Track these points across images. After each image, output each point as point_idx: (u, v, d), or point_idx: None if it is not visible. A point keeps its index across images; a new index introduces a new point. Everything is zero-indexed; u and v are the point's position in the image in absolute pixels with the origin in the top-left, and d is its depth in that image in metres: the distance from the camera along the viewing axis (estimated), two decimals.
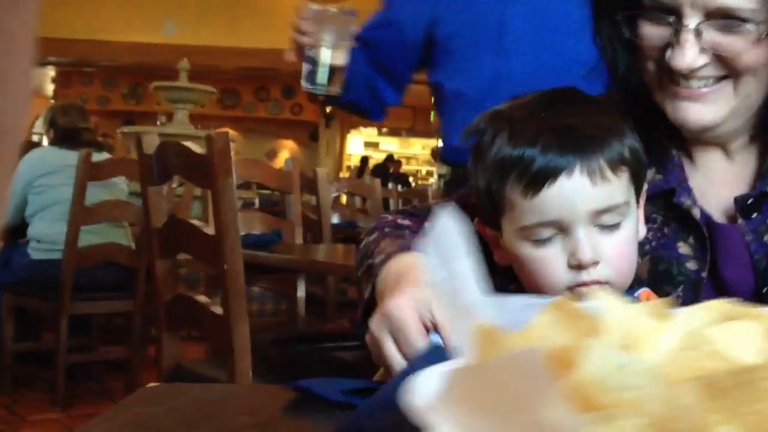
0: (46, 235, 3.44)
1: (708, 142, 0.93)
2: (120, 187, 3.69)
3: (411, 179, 13.47)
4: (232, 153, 1.73)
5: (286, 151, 14.35)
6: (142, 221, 3.23)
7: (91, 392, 3.70)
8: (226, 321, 1.70)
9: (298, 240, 2.92)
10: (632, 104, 0.94)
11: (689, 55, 0.82)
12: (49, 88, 13.20)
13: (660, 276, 0.92)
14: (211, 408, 0.66)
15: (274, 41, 9.12)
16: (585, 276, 0.77)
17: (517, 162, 0.77)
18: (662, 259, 0.92)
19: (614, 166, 0.78)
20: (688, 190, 0.92)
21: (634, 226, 0.81)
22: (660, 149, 0.95)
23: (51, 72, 12.98)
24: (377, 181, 4.44)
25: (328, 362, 2.21)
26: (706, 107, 0.86)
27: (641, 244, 0.87)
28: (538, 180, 0.76)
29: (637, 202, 0.83)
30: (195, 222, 1.89)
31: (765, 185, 0.89)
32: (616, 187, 0.78)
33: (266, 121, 14.19)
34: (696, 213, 0.91)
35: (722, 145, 0.93)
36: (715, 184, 0.94)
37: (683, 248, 0.92)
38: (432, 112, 13.35)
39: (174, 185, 4.35)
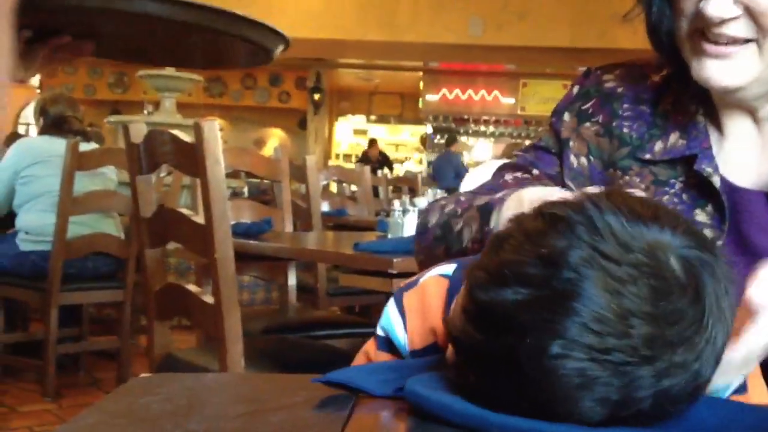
0: (35, 226, 3.41)
1: (736, 107, 0.93)
2: (109, 177, 3.68)
3: (399, 165, 13.47)
4: (220, 142, 1.72)
5: (274, 139, 14.32)
6: (131, 211, 3.22)
7: (81, 383, 3.70)
8: (217, 310, 1.70)
9: (288, 228, 2.92)
10: (664, 64, 0.95)
11: (723, 3, 0.83)
12: (35, 79, 13.09)
13: None
14: (203, 397, 0.66)
15: None
16: None
17: None
18: None
19: None
20: (710, 158, 0.92)
21: None
22: (686, 113, 0.95)
23: None
24: (366, 169, 4.43)
25: (320, 350, 2.21)
26: (730, 67, 0.85)
27: None
28: None
29: None
30: (184, 211, 1.88)
31: None
32: None
33: (254, 110, 14.14)
34: (716, 181, 0.91)
35: (751, 111, 0.92)
36: (743, 150, 0.94)
37: (700, 216, 0.92)
38: (420, 99, 13.34)
39: (162, 174, 4.33)
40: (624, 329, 0.52)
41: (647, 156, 0.96)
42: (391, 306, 0.78)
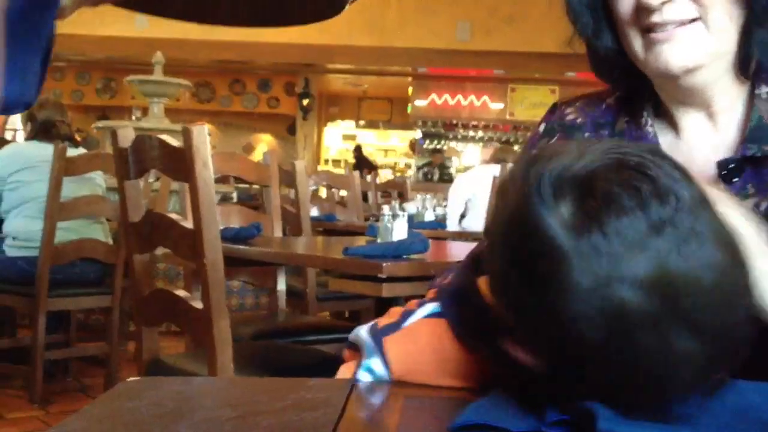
0: (22, 232, 3.40)
1: (692, 104, 0.95)
2: (97, 182, 3.66)
3: (389, 171, 13.47)
4: (209, 147, 1.72)
5: (263, 144, 14.30)
6: (119, 216, 3.20)
7: (69, 389, 3.67)
8: (206, 315, 1.69)
9: (277, 233, 2.91)
10: (616, 88, 1.00)
11: None
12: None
13: None
14: (192, 401, 0.65)
15: (248, 34, 9.05)
16: None
17: None
18: None
19: None
20: None
21: None
22: (638, 126, 0.98)
23: None
24: (356, 174, 4.43)
25: (310, 356, 2.20)
26: (684, 47, 0.88)
27: None
28: None
29: None
30: (173, 216, 1.87)
31: (746, 149, 0.90)
32: None
33: (242, 115, 14.11)
34: None
35: (706, 106, 0.94)
36: (701, 152, 0.95)
37: None
38: (409, 104, 13.36)
39: (150, 180, 4.32)
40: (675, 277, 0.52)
41: None
42: (372, 359, 0.72)
